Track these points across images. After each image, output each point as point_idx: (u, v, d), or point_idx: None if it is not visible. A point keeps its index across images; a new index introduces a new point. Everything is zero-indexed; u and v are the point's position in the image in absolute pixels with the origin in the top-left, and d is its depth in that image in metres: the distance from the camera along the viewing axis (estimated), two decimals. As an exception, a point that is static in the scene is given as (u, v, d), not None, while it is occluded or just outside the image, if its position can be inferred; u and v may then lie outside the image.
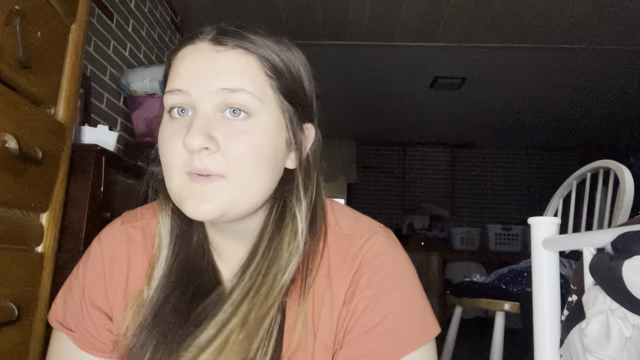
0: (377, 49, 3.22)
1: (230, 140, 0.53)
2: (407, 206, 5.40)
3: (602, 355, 0.63)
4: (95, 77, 1.95)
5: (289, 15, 2.81)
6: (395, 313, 0.56)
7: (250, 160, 0.54)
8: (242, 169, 0.53)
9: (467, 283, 2.01)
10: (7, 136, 0.83)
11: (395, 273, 0.59)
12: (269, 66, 0.56)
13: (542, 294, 0.88)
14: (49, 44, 0.97)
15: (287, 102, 0.58)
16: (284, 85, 0.57)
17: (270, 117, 0.56)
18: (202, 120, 0.53)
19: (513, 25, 2.83)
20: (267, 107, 0.55)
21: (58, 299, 0.66)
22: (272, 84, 0.56)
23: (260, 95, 0.54)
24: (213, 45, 0.55)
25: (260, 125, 0.55)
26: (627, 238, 0.63)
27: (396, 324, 0.56)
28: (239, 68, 0.54)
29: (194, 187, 0.53)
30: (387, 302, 0.57)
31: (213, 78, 0.53)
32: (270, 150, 0.55)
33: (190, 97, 0.54)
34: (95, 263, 0.65)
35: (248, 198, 0.55)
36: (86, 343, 0.63)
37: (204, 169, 0.52)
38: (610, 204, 1.50)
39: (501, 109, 4.34)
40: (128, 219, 0.68)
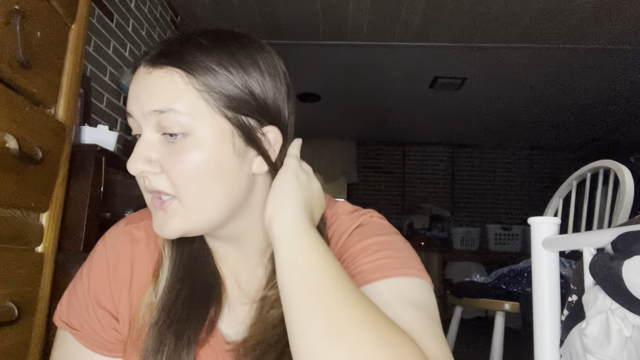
0: (377, 49, 3.22)
1: (170, 161, 0.54)
2: (407, 206, 5.40)
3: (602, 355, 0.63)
4: (95, 77, 1.95)
5: (288, 15, 2.81)
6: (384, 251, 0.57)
7: (192, 178, 0.53)
8: (188, 187, 0.54)
9: (467, 283, 2.01)
10: (7, 136, 0.83)
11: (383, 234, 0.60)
12: (201, 80, 0.54)
13: (542, 294, 0.88)
14: (49, 44, 0.97)
15: (231, 110, 0.55)
16: (223, 96, 0.54)
17: (208, 131, 0.54)
18: (143, 144, 0.54)
19: (513, 25, 2.83)
20: (202, 122, 0.54)
21: (63, 300, 0.67)
22: (205, 97, 0.54)
23: (189, 111, 0.53)
24: (147, 67, 0.55)
25: (198, 141, 0.53)
26: (627, 238, 0.63)
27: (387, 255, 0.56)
28: (165, 88, 0.53)
29: (155, 211, 0.56)
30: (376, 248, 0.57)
31: (145, 101, 0.54)
32: (212, 166, 0.54)
33: (135, 120, 0.56)
34: (99, 264, 0.65)
35: (206, 214, 0.55)
36: (93, 342, 0.64)
37: (153, 188, 0.54)
38: (610, 204, 1.50)
39: (501, 109, 4.34)
40: (132, 220, 0.68)
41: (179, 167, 0.53)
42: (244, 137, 0.56)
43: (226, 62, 0.55)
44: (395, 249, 0.58)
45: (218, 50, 0.55)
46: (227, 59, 0.55)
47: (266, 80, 0.57)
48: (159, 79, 0.54)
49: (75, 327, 0.64)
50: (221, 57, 0.55)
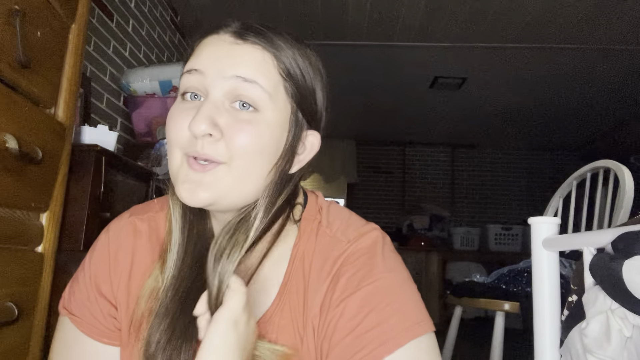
0: (377, 49, 3.22)
1: (235, 129, 0.54)
2: (407, 206, 5.40)
3: (602, 355, 0.63)
4: (95, 77, 1.95)
5: (288, 15, 2.81)
6: (379, 307, 0.53)
7: (252, 150, 0.55)
8: (244, 157, 0.55)
9: (467, 283, 2.01)
10: (7, 136, 0.83)
11: (378, 270, 0.56)
12: (284, 68, 0.57)
13: (542, 294, 0.88)
14: (49, 44, 0.97)
15: (296, 106, 0.59)
16: (295, 90, 0.58)
17: (277, 115, 0.57)
18: (210, 106, 0.54)
19: (513, 25, 2.83)
20: (275, 105, 0.56)
21: (67, 289, 0.68)
22: (285, 85, 0.57)
23: (271, 91, 0.56)
24: (234, 38, 0.57)
25: (266, 120, 0.56)
26: (627, 238, 0.63)
27: (381, 319, 0.53)
28: (255, 62, 0.56)
29: (190, 172, 0.55)
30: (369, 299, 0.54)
31: (229, 65, 0.55)
32: (272, 147, 0.56)
33: (205, 78, 0.56)
34: (101, 253, 0.66)
35: (242, 188, 0.56)
36: (92, 329, 0.64)
37: (204, 153, 0.54)
38: (610, 204, 1.50)
39: (501, 109, 4.34)
40: (136, 212, 0.69)
41: (243, 136, 0.54)
42: (295, 133, 0.59)
43: (303, 61, 0.59)
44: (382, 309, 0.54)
45: (299, 47, 0.59)
46: (305, 58, 0.60)
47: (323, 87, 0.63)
48: (249, 52, 0.56)
49: (76, 313, 0.65)
50: (301, 55, 0.59)
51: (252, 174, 0.56)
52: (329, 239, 0.60)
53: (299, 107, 0.59)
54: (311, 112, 0.61)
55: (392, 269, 0.57)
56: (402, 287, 0.56)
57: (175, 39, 2.83)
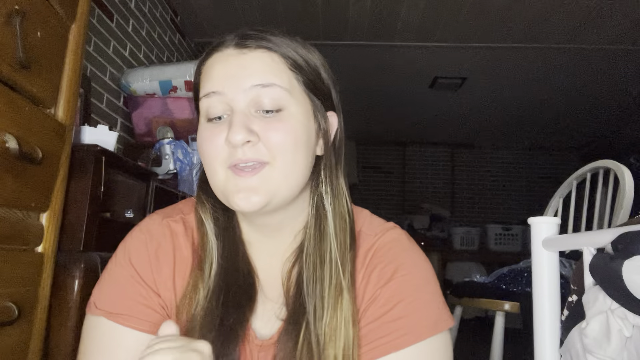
0: (377, 49, 3.22)
1: (269, 130, 0.57)
2: (407, 206, 5.40)
3: (602, 355, 0.63)
4: (95, 77, 1.95)
5: (288, 15, 2.81)
6: (407, 301, 0.58)
7: (289, 144, 0.58)
8: (284, 153, 0.58)
9: (467, 283, 2.01)
10: (7, 136, 0.83)
11: (408, 264, 0.61)
12: (291, 62, 0.60)
13: (542, 294, 0.88)
14: (49, 44, 0.97)
15: (311, 93, 0.62)
16: (305, 78, 0.61)
17: (299, 107, 0.60)
18: (241, 116, 0.57)
19: (513, 25, 2.83)
20: (295, 99, 0.60)
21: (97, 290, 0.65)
22: (296, 77, 0.60)
23: (288, 87, 0.59)
24: (238, 49, 0.59)
25: (293, 114, 0.59)
26: (627, 238, 0.63)
27: (407, 312, 0.57)
28: (266, 65, 0.59)
29: (239, 181, 0.57)
30: (398, 291, 0.58)
31: (244, 77, 0.58)
32: (304, 136, 0.60)
33: (226, 97, 0.58)
34: (139, 251, 0.65)
35: (290, 182, 0.59)
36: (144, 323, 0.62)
37: (247, 158, 0.57)
38: (610, 204, 1.50)
39: (501, 109, 4.34)
40: (168, 214, 0.69)
41: (279, 134, 0.57)
42: (319, 118, 0.63)
43: (302, 50, 0.62)
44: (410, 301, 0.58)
45: (291, 38, 0.63)
46: (301, 46, 0.63)
47: (328, 73, 0.65)
48: (257, 58, 0.59)
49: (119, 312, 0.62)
50: (297, 44, 0.62)
51: (296, 166, 0.59)
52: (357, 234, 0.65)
53: (313, 93, 0.62)
54: (323, 93, 0.64)
55: (420, 264, 0.62)
56: (429, 282, 0.61)
57: (175, 39, 2.83)
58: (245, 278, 0.64)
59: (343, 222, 0.63)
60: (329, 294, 0.59)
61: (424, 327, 0.57)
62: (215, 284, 0.61)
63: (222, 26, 2.97)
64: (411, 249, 0.63)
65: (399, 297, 0.58)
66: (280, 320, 0.62)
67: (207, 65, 0.61)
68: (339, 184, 0.65)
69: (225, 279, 0.62)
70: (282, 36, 0.62)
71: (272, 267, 0.66)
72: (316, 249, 0.61)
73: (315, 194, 0.64)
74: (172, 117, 2.16)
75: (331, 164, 0.64)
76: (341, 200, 0.64)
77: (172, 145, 1.92)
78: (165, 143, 1.92)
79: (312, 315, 0.59)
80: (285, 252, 0.66)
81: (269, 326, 0.64)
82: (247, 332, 0.62)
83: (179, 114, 2.15)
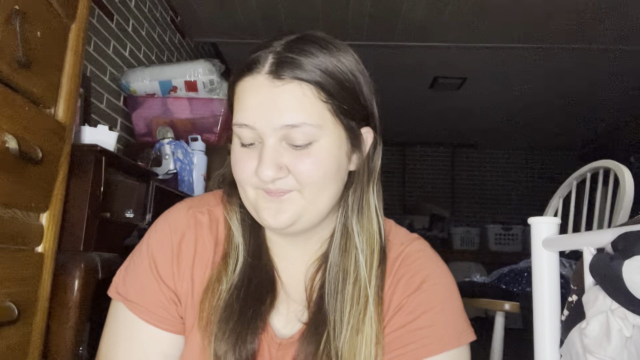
0: (377, 49, 3.22)
1: (298, 163, 0.58)
2: (407, 206, 5.40)
3: (602, 355, 0.63)
4: (95, 77, 1.95)
5: (288, 15, 2.80)
6: (432, 311, 0.58)
7: (317, 177, 0.59)
8: (312, 184, 0.59)
9: (467, 283, 2.01)
10: (7, 136, 0.83)
11: (434, 275, 0.62)
12: (325, 92, 0.58)
13: (542, 294, 0.87)
14: (49, 44, 0.97)
15: (345, 118, 0.61)
16: (340, 105, 0.60)
17: (330, 138, 0.60)
18: (271, 151, 0.58)
19: (513, 25, 2.83)
20: (326, 131, 0.59)
21: (119, 274, 0.68)
22: (329, 108, 0.59)
23: (319, 123, 0.58)
24: (271, 80, 0.58)
25: (323, 147, 0.59)
26: (627, 238, 0.63)
27: (432, 322, 0.58)
28: (297, 102, 0.57)
29: (269, 200, 0.60)
30: (424, 301, 0.59)
31: (275, 115, 0.57)
32: (333, 167, 0.60)
33: (256, 131, 0.59)
34: (162, 242, 0.67)
35: (317, 208, 0.60)
36: (152, 315, 0.65)
37: (277, 189, 0.59)
38: (610, 204, 1.50)
39: (501, 109, 4.34)
40: (194, 205, 0.71)
41: (308, 169, 0.58)
42: (351, 140, 0.62)
43: (340, 72, 0.60)
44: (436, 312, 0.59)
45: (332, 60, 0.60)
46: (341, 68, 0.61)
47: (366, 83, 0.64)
48: (290, 91, 0.57)
49: (133, 299, 0.65)
50: (337, 67, 0.60)
51: (324, 194, 0.60)
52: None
53: (348, 117, 0.61)
54: (359, 112, 0.63)
55: (446, 276, 0.63)
56: (453, 294, 0.62)
57: (175, 39, 2.83)
58: (267, 275, 0.65)
59: (371, 239, 0.63)
60: (350, 312, 0.60)
61: (449, 338, 0.58)
62: (238, 279, 0.63)
63: (222, 26, 2.97)
64: (436, 261, 0.65)
65: (426, 307, 0.59)
66: (302, 322, 0.64)
67: (239, 88, 0.61)
68: (368, 200, 0.65)
69: (248, 274, 0.63)
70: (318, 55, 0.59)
71: (296, 270, 0.68)
72: (340, 261, 0.62)
73: (345, 209, 0.65)
74: (172, 117, 2.16)
75: (362, 181, 0.65)
76: (370, 218, 0.64)
77: (172, 145, 1.92)
78: (165, 143, 1.92)
79: (332, 328, 0.60)
80: (310, 257, 0.67)
81: (290, 326, 0.65)
82: (266, 328, 0.63)
83: (179, 114, 2.15)
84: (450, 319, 0.59)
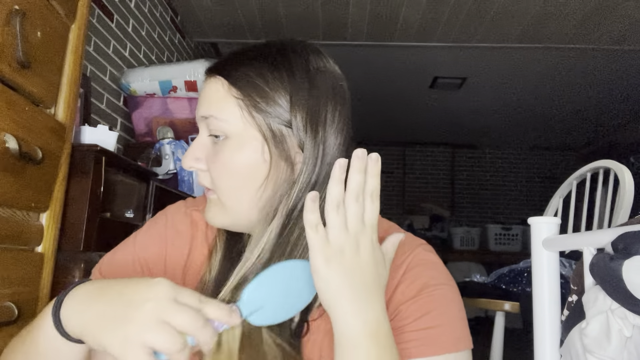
0: (377, 49, 3.22)
1: (211, 160, 0.60)
2: (407, 206, 5.40)
3: (602, 355, 0.63)
4: (95, 77, 1.95)
5: (288, 15, 2.80)
6: (431, 314, 0.57)
7: (226, 177, 0.59)
8: (222, 185, 0.59)
9: (467, 283, 2.01)
10: (7, 136, 0.83)
11: (435, 282, 0.60)
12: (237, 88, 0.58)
13: (542, 294, 0.87)
14: (49, 44, 0.97)
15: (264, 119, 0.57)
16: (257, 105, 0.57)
17: (242, 135, 0.58)
18: (195, 144, 0.61)
19: (513, 25, 2.83)
20: (238, 126, 0.58)
21: (107, 257, 0.67)
22: (239, 103, 0.57)
23: (226, 117, 0.58)
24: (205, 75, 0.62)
25: (236, 143, 0.58)
26: (627, 238, 0.63)
27: (430, 325, 0.57)
28: (210, 95, 0.60)
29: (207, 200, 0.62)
30: (422, 306, 0.58)
31: (199, 107, 0.61)
32: (244, 168, 0.58)
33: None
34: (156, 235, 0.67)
35: (242, 211, 0.59)
36: None
37: (200, 182, 0.62)
38: (610, 204, 1.50)
39: (501, 109, 4.34)
40: (193, 204, 0.71)
41: (217, 166, 0.59)
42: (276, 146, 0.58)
43: (266, 73, 0.58)
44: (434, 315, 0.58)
45: (261, 60, 0.59)
46: (268, 69, 0.58)
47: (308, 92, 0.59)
48: (208, 86, 0.60)
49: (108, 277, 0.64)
50: (262, 67, 0.58)
51: (240, 197, 0.59)
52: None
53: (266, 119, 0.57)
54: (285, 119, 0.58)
55: (447, 281, 0.61)
56: (454, 299, 0.60)
57: (175, 39, 2.83)
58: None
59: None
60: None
61: (444, 342, 0.56)
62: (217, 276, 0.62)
63: (222, 26, 2.97)
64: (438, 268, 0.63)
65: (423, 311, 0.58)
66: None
67: None
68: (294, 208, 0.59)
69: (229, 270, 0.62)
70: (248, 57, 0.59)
71: None
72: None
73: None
74: (172, 117, 2.16)
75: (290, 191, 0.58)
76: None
77: (172, 145, 1.92)
78: (165, 143, 1.92)
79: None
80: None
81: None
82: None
83: (179, 114, 2.15)
84: (447, 324, 0.57)
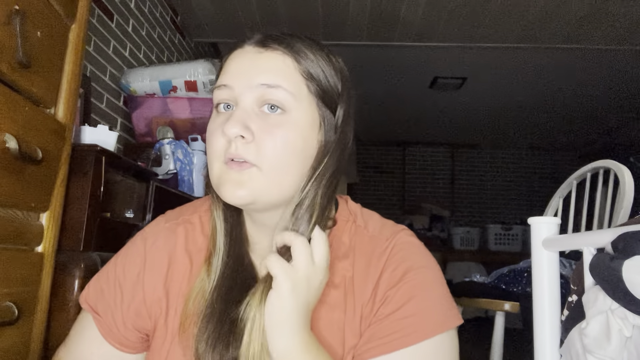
0: (377, 49, 3.22)
1: (265, 132, 0.58)
2: (407, 206, 5.40)
3: (602, 355, 0.63)
4: (95, 77, 1.95)
5: (288, 15, 2.81)
6: (416, 299, 0.59)
7: (281, 153, 0.58)
8: (274, 160, 0.58)
9: (467, 283, 2.01)
10: (7, 136, 0.83)
11: (416, 265, 0.62)
12: (305, 69, 0.60)
13: (542, 294, 0.87)
14: (49, 44, 0.97)
15: (322, 104, 0.62)
16: (317, 88, 0.61)
17: (304, 114, 0.60)
18: (241, 112, 0.58)
19: (513, 25, 2.83)
20: (301, 105, 0.59)
21: (91, 284, 0.69)
22: (307, 84, 0.60)
23: (295, 92, 0.59)
24: (256, 48, 0.61)
25: (294, 120, 0.59)
26: (627, 238, 0.63)
27: (416, 310, 0.58)
28: (277, 67, 0.59)
29: (230, 173, 0.58)
30: (408, 290, 0.59)
31: (254, 75, 0.59)
32: (300, 145, 0.59)
33: (234, 91, 0.59)
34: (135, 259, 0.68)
35: (279, 188, 0.59)
36: (110, 333, 0.65)
37: (238, 154, 0.57)
38: (610, 204, 1.50)
39: (501, 108, 4.34)
40: (171, 218, 0.71)
41: (272, 140, 0.58)
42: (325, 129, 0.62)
43: (326, 64, 0.63)
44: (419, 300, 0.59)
45: (318, 48, 0.63)
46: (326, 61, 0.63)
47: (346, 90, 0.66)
48: (271, 59, 0.60)
49: (98, 312, 0.66)
50: (322, 57, 0.63)
51: (286, 174, 0.59)
52: (368, 239, 0.65)
53: (324, 103, 0.62)
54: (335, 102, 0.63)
55: (429, 265, 0.63)
56: (437, 282, 0.62)
57: (175, 39, 2.83)
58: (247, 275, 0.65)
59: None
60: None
61: (431, 325, 0.58)
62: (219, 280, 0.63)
63: (222, 26, 2.97)
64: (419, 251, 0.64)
65: (409, 296, 0.59)
66: None
67: (227, 61, 0.63)
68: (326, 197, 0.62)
69: (229, 275, 0.63)
70: (309, 46, 0.62)
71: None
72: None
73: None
74: (172, 117, 2.16)
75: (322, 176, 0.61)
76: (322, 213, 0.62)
77: (172, 145, 1.92)
78: (165, 143, 1.92)
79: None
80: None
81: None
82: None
83: (179, 114, 2.15)
84: (432, 306, 0.59)
